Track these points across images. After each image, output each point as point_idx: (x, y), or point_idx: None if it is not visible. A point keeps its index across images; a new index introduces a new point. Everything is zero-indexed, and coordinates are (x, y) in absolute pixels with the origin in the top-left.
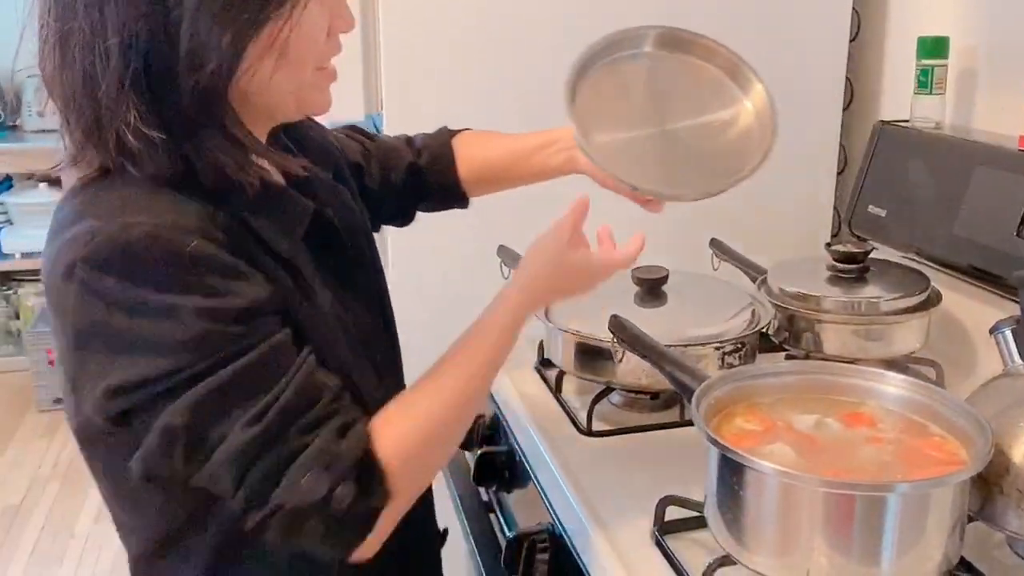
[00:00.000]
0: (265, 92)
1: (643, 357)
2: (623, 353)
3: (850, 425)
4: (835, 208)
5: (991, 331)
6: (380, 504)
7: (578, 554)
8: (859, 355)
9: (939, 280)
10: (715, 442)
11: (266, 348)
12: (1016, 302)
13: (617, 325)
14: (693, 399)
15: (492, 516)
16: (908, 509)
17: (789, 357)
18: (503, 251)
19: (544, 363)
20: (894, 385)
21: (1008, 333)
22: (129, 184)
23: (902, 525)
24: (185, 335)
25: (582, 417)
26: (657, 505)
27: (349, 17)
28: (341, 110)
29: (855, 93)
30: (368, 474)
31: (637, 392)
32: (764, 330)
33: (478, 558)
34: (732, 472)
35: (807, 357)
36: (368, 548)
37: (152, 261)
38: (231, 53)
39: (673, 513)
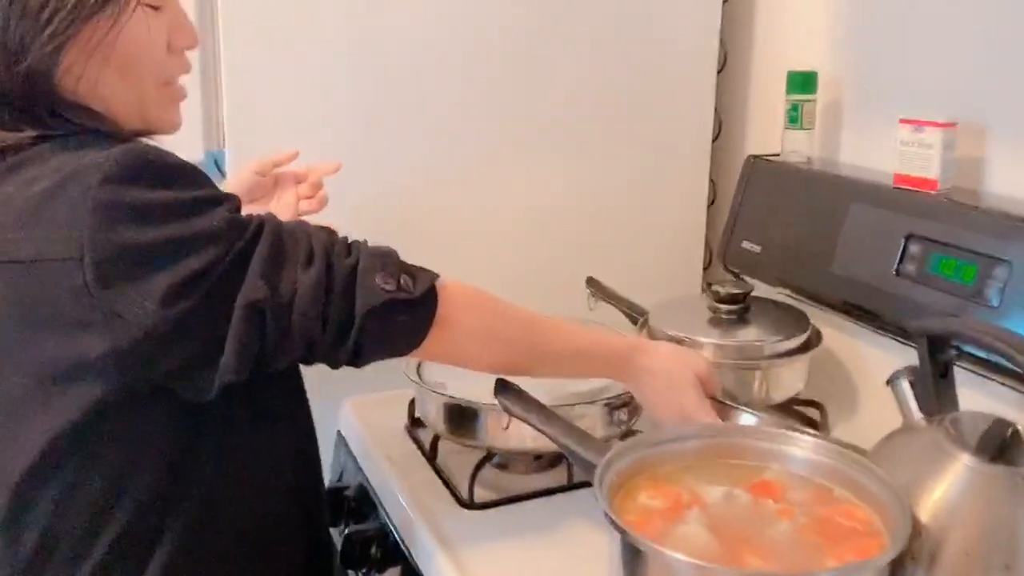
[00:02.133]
0: (97, 99)
1: (537, 428)
2: (509, 420)
3: (758, 496)
4: (706, 240)
5: (888, 381)
6: (434, 275)
7: None
8: (743, 399)
9: (815, 316)
10: (622, 531)
11: (270, 216)
12: (910, 345)
13: (505, 390)
14: (596, 478)
15: None
16: None
17: None
18: None
19: (415, 423)
20: (799, 447)
21: (905, 384)
22: (72, 139)
23: None
24: (217, 222)
25: (462, 488)
26: None
27: (190, 31)
28: (178, 146)
29: (723, 125)
30: (413, 268)
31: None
32: None
33: None
34: (640, 562)
35: None
36: (449, 328)
37: (167, 167)
38: (48, 51)
39: None
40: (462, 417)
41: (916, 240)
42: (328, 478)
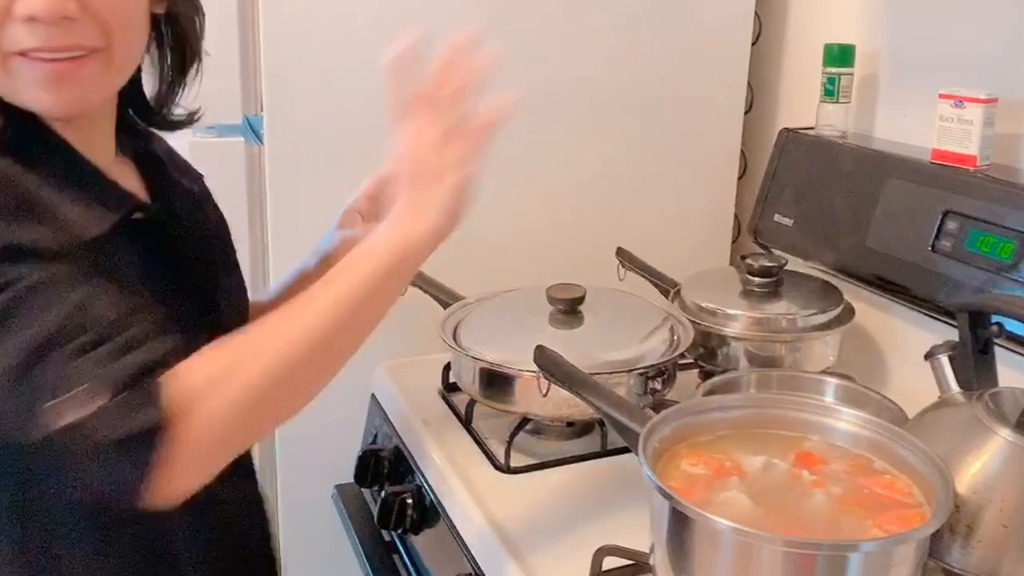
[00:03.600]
0: None
1: (577, 395)
2: (549, 386)
3: (800, 466)
4: (735, 214)
5: (927, 356)
6: (159, 419)
7: None
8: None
9: (847, 291)
10: (669, 496)
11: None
12: (952, 325)
13: (545, 358)
14: (639, 445)
15: (396, 557)
16: (871, 565)
17: (705, 374)
18: None
19: (449, 388)
20: (840, 419)
21: (945, 359)
22: None
23: None
24: None
25: (499, 452)
26: (593, 557)
27: None
28: (216, 112)
29: (755, 98)
30: (145, 388)
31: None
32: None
33: None
34: (686, 527)
35: (723, 373)
36: (170, 486)
37: None
38: None
39: (610, 563)
40: (499, 383)
41: (953, 216)
42: (363, 440)
